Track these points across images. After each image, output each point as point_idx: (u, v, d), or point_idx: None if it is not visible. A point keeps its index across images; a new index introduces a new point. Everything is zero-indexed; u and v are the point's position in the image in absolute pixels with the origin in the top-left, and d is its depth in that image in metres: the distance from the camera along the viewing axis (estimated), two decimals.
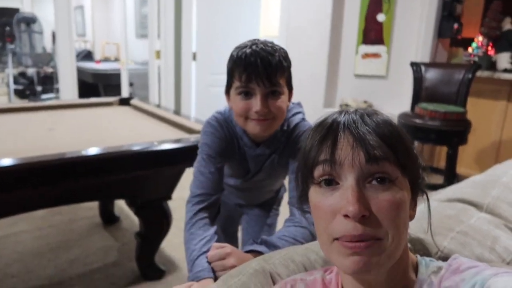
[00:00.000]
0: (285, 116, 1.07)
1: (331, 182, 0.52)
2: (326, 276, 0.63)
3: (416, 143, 2.94)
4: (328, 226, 0.52)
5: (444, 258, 0.74)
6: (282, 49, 0.99)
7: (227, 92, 1.03)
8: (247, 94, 0.96)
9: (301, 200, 0.60)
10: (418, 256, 0.60)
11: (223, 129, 1.08)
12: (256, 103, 0.95)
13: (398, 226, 0.51)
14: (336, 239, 0.51)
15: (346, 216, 0.49)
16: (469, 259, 0.54)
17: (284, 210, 1.47)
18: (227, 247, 0.91)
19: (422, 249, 0.75)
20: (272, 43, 0.99)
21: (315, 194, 0.55)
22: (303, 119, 1.10)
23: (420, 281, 0.55)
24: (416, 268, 0.58)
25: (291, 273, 0.67)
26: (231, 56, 0.98)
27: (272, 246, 0.93)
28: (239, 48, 0.97)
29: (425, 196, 0.59)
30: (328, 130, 0.54)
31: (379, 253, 0.50)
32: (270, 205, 1.39)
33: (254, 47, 0.94)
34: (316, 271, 0.64)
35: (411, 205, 0.56)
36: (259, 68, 0.92)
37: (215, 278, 0.86)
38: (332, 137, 0.53)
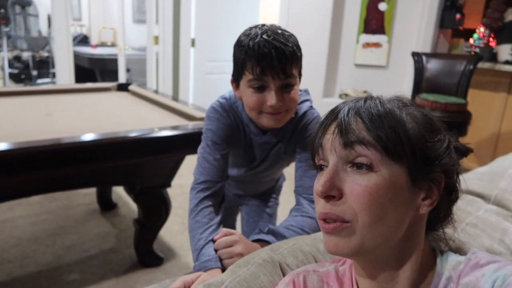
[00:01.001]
0: None
1: (323, 167, 0.55)
2: (339, 267, 0.61)
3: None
4: (316, 207, 0.55)
5: (455, 250, 0.73)
6: (293, 35, 0.94)
7: (236, 81, 0.98)
8: (260, 87, 0.91)
9: None
10: (436, 250, 0.58)
11: (228, 115, 1.04)
12: (271, 97, 0.90)
13: (371, 211, 0.49)
14: (320, 219, 0.54)
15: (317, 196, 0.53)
16: (488, 254, 0.53)
17: (282, 200, 1.46)
18: (235, 235, 0.89)
19: (432, 240, 0.74)
20: (281, 29, 0.93)
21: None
22: (311, 107, 1.07)
23: (439, 275, 0.54)
24: (433, 261, 0.56)
25: (300, 263, 0.66)
26: (240, 44, 0.92)
27: (279, 236, 0.91)
28: (249, 36, 0.91)
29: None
30: (325, 118, 0.57)
31: (347, 235, 0.51)
32: (269, 195, 1.38)
33: (265, 36, 0.88)
34: (328, 263, 0.63)
35: (414, 195, 0.52)
36: (274, 61, 0.87)
37: (223, 268, 0.85)
38: (324, 124, 0.56)
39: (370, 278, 0.55)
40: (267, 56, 0.87)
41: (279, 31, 0.91)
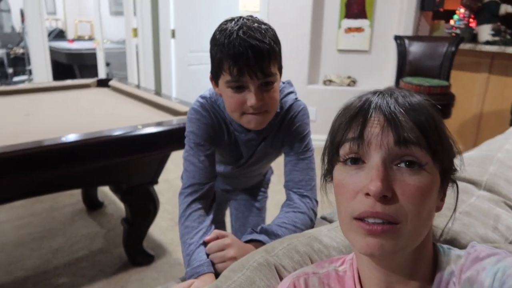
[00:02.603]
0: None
1: (357, 161, 0.51)
2: (339, 268, 0.60)
3: None
4: (349, 204, 0.51)
5: (449, 241, 0.73)
6: (270, 28, 0.89)
7: (214, 79, 0.94)
8: (239, 87, 0.88)
9: (326, 179, 0.59)
10: (437, 244, 0.57)
11: (210, 114, 1.01)
12: (250, 97, 0.87)
13: (421, 213, 0.49)
14: (356, 218, 0.50)
15: (367, 195, 0.48)
16: (487, 246, 0.53)
17: (271, 190, 1.45)
18: (227, 238, 0.86)
19: None
20: (258, 21, 0.89)
21: (340, 172, 0.53)
22: (296, 99, 1.05)
23: (441, 270, 0.54)
24: (435, 256, 0.56)
25: (296, 264, 0.64)
26: (216, 41, 0.88)
27: (273, 235, 0.89)
28: (224, 33, 0.85)
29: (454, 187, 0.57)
30: (360, 109, 0.52)
31: (394, 238, 0.48)
32: (257, 189, 1.35)
33: (241, 33, 0.83)
34: (327, 263, 0.61)
35: (439, 196, 0.54)
36: (251, 60, 0.83)
37: (216, 273, 0.83)
38: (363, 116, 0.51)
39: (382, 278, 0.54)
40: (243, 56, 0.83)
41: (256, 25, 0.86)
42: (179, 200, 0.99)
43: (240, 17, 0.89)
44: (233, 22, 0.87)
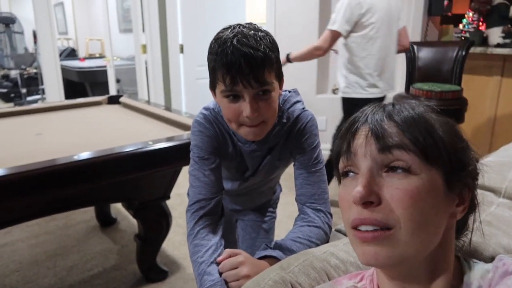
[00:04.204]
0: (283, 107, 0.99)
1: (351, 173, 0.53)
2: (358, 284, 0.58)
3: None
4: (346, 215, 0.52)
5: (470, 254, 0.70)
6: (267, 35, 0.86)
7: (212, 89, 0.93)
8: (234, 97, 0.86)
9: None
10: (461, 257, 0.55)
11: (213, 126, 0.98)
12: (245, 107, 0.84)
13: (414, 217, 0.47)
14: (352, 228, 0.50)
15: (354, 203, 0.49)
16: None
17: (282, 205, 1.42)
18: (240, 255, 0.84)
19: None
20: (255, 28, 0.85)
21: (341, 185, 0.55)
22: (303, 108, 1.02)
23: (468, 285, 0.51)
24: (459, 270, 0.54)
25: (313, 281, 0.62)
26: (211, 49, 0.87)
27: (287, 250, 0.87)
28: (219, 40, 0.84)
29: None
30: (351, 123, 0.54)
31: (389, 245, 0.47)
32: (265, 208, 1.32)
33: (235, 41, 0.81)
34: (345, 280, 0.59)
35: (450, 201, 0.51)
36: (244, 69, 0.80)
37: None
38: (352, 131, 0.53)
39: None
40: (235, 65, 0.80)
41: (251, 33, 0.83)
42: (187, 217, 0.97)
43: (238, 25, 0.87)
44: (229, 30, 0.85)
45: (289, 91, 1.04)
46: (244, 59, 0.80)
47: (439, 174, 0.49)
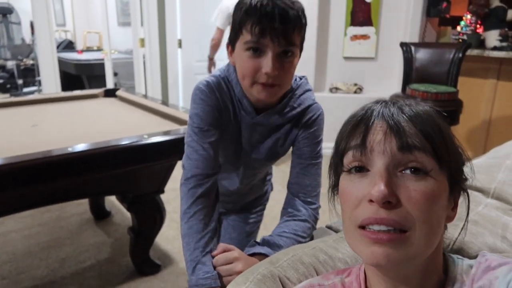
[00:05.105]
0: (296, 91, 0.97)
1: (361, 169, 0.51)
2: (345, 279, 0.59)
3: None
4: (352, 213, 0.50)
5: (456, 251, 0.71)
6: (300, 3, 0.86)
7: (231, 43, 0.89)
8: (256, 50, 0.82)
9: (333, 191, 0.58)
10: (446, 253, 0.56)
11: (215, 94, 0.94)
12: (267, 63, 0.81)
13: (429, 220, 0.47)
14: (360, 227, 0.49)
15: (371, 201, 0.47)
16: (497, 256, 0.52)
17: (277, 202, 1.41)
18: (235, 251, 0.84)
19: None
20: None
21: (344, 181, 0.53)
22: (314, 100, 1.00)
23: (452, 280, 0.52)
24: (445, 266, 0.55)
25: (302, 276, 0.63)
26: (241, 3, 0.84)
27: (275, 246, 0.87)
28: None
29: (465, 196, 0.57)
30: (362, 117, 0.52)
31: (403, 247, 0.47)
32: (252, 209, 1.28)
33: None
34: (332, 275, 0.60)
35: (449, 205, 0.52)
36: (276, 22, 0.78)
37: (221, 286, 0.81)
38: (365, 123, 0.51)
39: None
40: (269, 16, 0.79)
41: None
42: (182, 191, 0.93)
43: None
44: None
45: (300, 77, 1.02)
46: (278, 12, 0.79)
47: (446, 178, 0.50)
